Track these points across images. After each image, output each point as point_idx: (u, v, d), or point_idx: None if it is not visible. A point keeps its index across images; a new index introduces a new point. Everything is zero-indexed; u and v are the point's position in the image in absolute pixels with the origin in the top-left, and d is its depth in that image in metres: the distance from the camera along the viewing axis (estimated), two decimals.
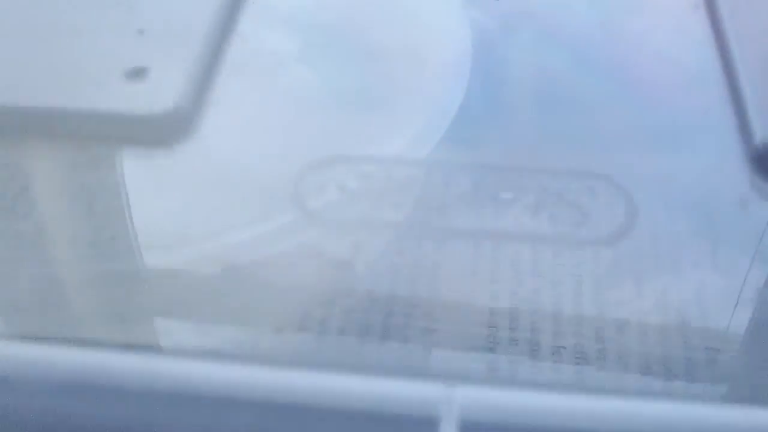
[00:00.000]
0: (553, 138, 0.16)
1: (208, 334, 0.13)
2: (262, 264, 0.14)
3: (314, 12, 0.19)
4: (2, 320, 0.13)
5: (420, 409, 0.10)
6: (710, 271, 0.14)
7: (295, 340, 0.13)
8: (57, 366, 0.11)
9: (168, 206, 0.15)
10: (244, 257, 0.14)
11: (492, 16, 0.19)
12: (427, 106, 0.17)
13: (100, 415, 0.10)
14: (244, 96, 0.17)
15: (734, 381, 0.12)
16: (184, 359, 0.11)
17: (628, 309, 0.13)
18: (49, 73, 0.16)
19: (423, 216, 0.14)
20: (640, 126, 0.16)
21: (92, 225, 0.15)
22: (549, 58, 0.18)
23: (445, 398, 0.10)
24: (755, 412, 0.10)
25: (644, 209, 0.14)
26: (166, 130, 0.16)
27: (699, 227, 0.14)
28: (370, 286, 0.13)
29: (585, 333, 0.13)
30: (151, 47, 0.16)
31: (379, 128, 0.16)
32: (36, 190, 0.15)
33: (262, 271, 0.14)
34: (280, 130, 0.16)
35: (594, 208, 0.14)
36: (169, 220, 0.15)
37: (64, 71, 0.16)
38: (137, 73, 0.16)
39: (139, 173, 0.16)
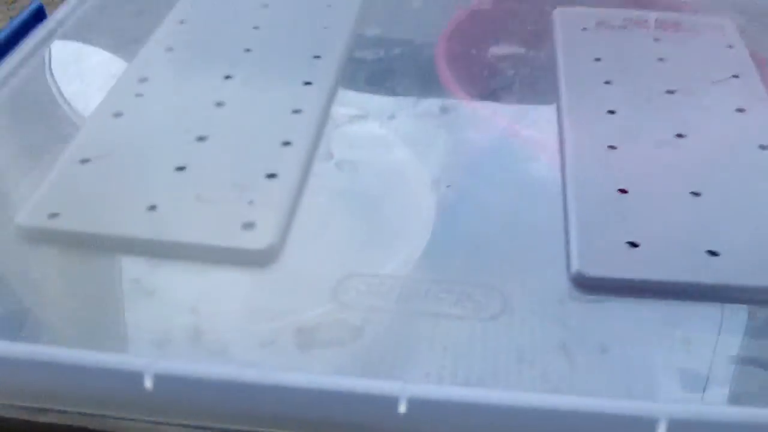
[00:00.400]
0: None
1: None
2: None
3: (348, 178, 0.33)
4: None
5: None
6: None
7: None
8: None
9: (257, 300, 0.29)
10: None
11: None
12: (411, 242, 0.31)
13: None
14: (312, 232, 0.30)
15: None
16: None
17: None
18: (191, 217, 0.30)
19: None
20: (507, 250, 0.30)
21: None
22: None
23: None
24: None
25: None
26: (263, 258, 0.29)
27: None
28: None
29: None
30: (257, 210, 0.30)
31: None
32: None
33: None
34: (326, 251, 0.30)
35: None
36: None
37: (203, 221, 0.30)
38: (248, 226, 0.30)
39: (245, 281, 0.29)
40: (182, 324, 0.27)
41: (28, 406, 0.26)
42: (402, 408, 0.24)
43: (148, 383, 0.24)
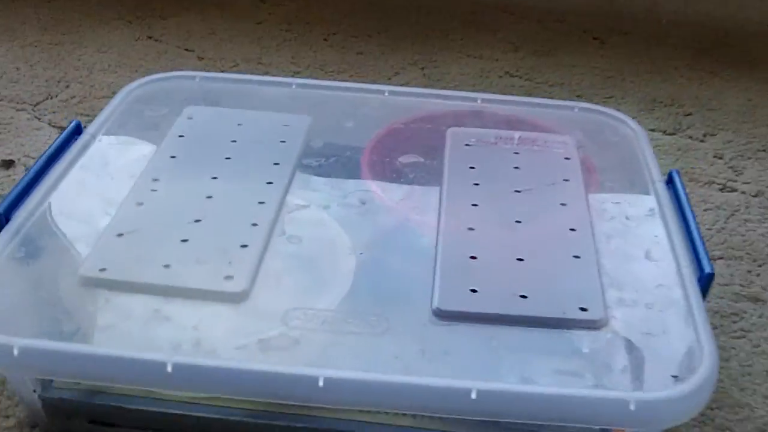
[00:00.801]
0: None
1: None
2: None
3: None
4: None
5: None
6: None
7: None
8: None
9: (234, 323, 0.45)
10: None
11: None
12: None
13: None
14: (270, 281, 0.47)
15: None
16: None
17: None
18: (192, 272, 0.47)
19: None
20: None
21: None
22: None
23: None
24: None
25: None
26: (238, 298, 0.46)
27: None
28: None
29: None
30: (235, 268, 0.47)
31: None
32: None
33: None
34: (279, 294, 0.46)
35: None
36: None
37: (199, 274, 0.47)
38: (229, 278, 0.47)
39: (227, 311, 0.46)
40: (188, 337, 0.43)
41: (86, 389, 0.43)
42: (321, 383, 0.40)
43: (169, 369, 0.40)
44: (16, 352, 0.41)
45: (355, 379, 0.41)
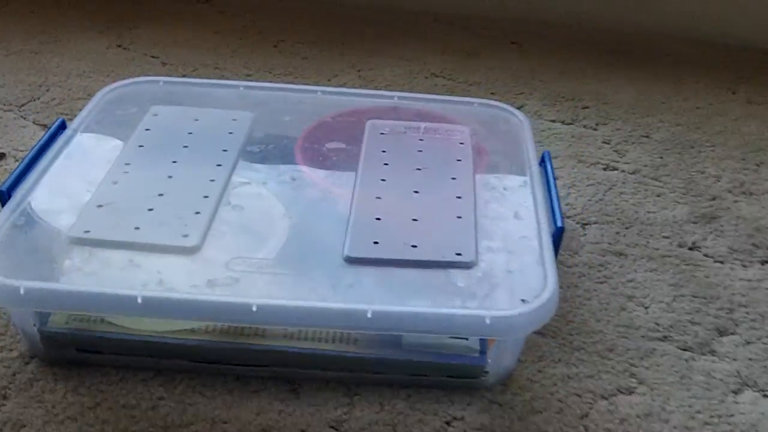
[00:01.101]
0: None
1: None
2: None
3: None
4: None
5: None
6: None
7: None
8: None
9: (189, 268, 0.59)
10: None
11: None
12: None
13: None
14: (218, 239, 0.61)
15: None
16: None
17: None
18: (157, 232, 0.60)
19: None
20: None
21: None
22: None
23: None
24: None
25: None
26: (192, 251, 0.59)
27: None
28: None
29: None
30: (190, 229, 0.61)
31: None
32: None
33: None
34: (225, 247, 0.60)
35: None
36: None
37: (163, 233, 0.60)
38: (185, 236, 0.60)
39: (184, 261, 0.59)
40: (153, 279, 0.57)
41: (74, 326, 0.56)
42: (254, 309, 0.54)
43: (139, 300, 0.54)
44: (22, 291, 0.54)
45: (281, 305, 0.55)
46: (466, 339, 0.62)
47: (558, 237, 0.63)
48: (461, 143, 0.75)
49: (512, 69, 1.12)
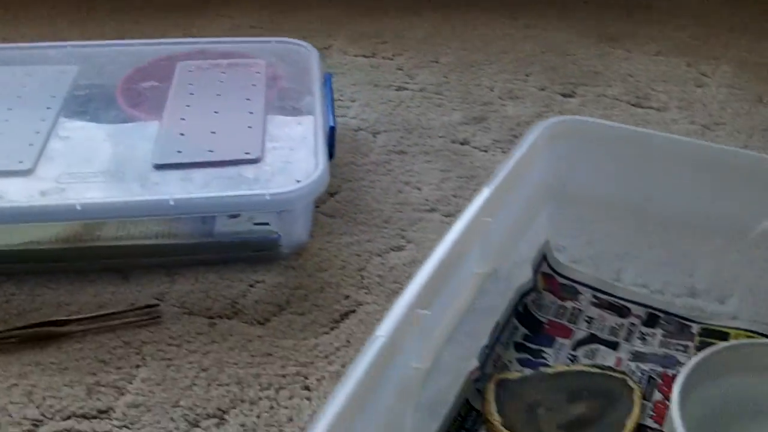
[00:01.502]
0: None
1: None
2: None
3: None
4: None
5: None
6: None
7: None
8: None
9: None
10: None
11: None
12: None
13: None
14: (51, 160, 0.74)
15: None
16: None
17: None
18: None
19: None
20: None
21: None
22: None
23: None
24: None
25: None
26: (28, 173, 0.73)
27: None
28: None
29: None
30: (25, 155, 0.74)
31: None
32: None
33: None
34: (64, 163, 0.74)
35: None
36: None
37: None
38: (21, 162, 0.73)
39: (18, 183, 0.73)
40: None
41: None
42: (78, 207, 0.68)
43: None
44: None
45: (99, 202, 0.69)
46: (268, 224, 0.77)
47: (331, 135, 0.79)
48: (258, 72, 0.90)
49: (324, 17, 1.27)
